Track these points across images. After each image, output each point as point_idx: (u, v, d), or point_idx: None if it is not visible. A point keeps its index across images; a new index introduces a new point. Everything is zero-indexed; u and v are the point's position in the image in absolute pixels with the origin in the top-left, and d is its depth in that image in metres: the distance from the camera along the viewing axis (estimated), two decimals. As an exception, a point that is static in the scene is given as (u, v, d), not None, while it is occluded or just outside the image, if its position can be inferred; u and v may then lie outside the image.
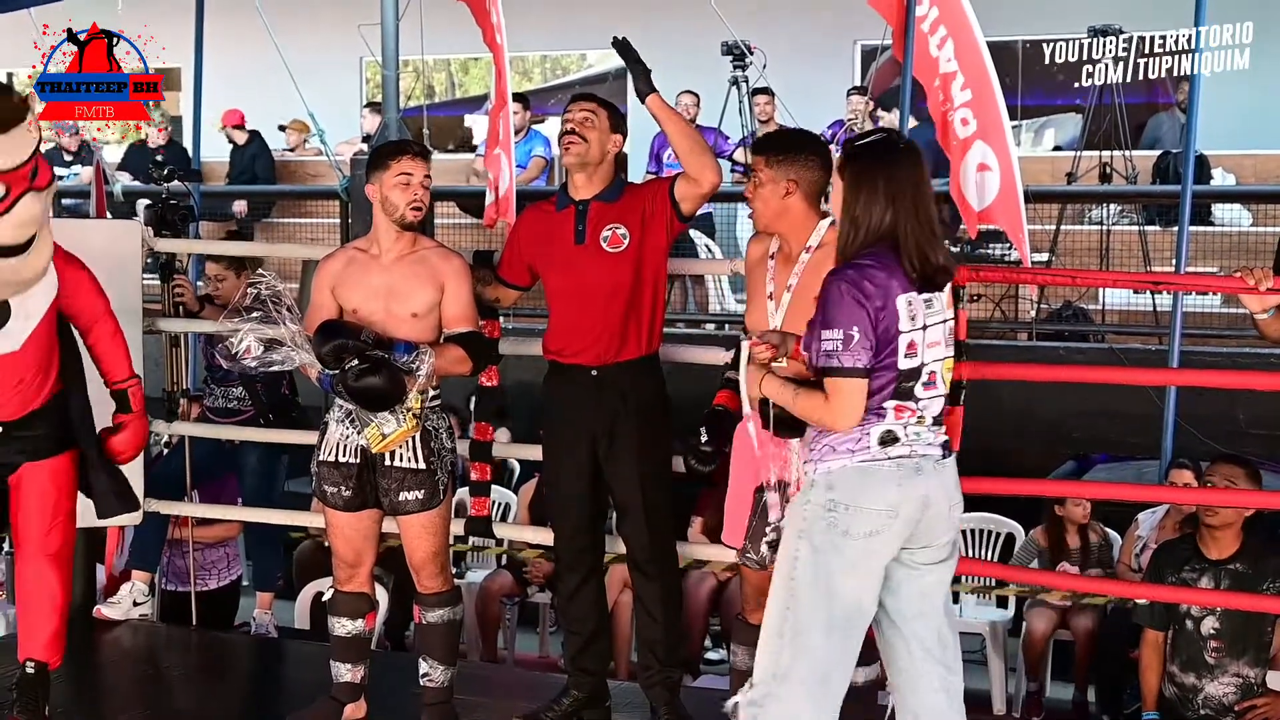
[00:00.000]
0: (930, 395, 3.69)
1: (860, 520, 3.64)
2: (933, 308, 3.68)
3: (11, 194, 4.14)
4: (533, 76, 17.00)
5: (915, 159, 3.73)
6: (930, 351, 3.68)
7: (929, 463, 3.69)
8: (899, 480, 3.65)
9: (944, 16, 6.92)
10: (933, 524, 3.70)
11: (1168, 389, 6.96)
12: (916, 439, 3.67)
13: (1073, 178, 10.27)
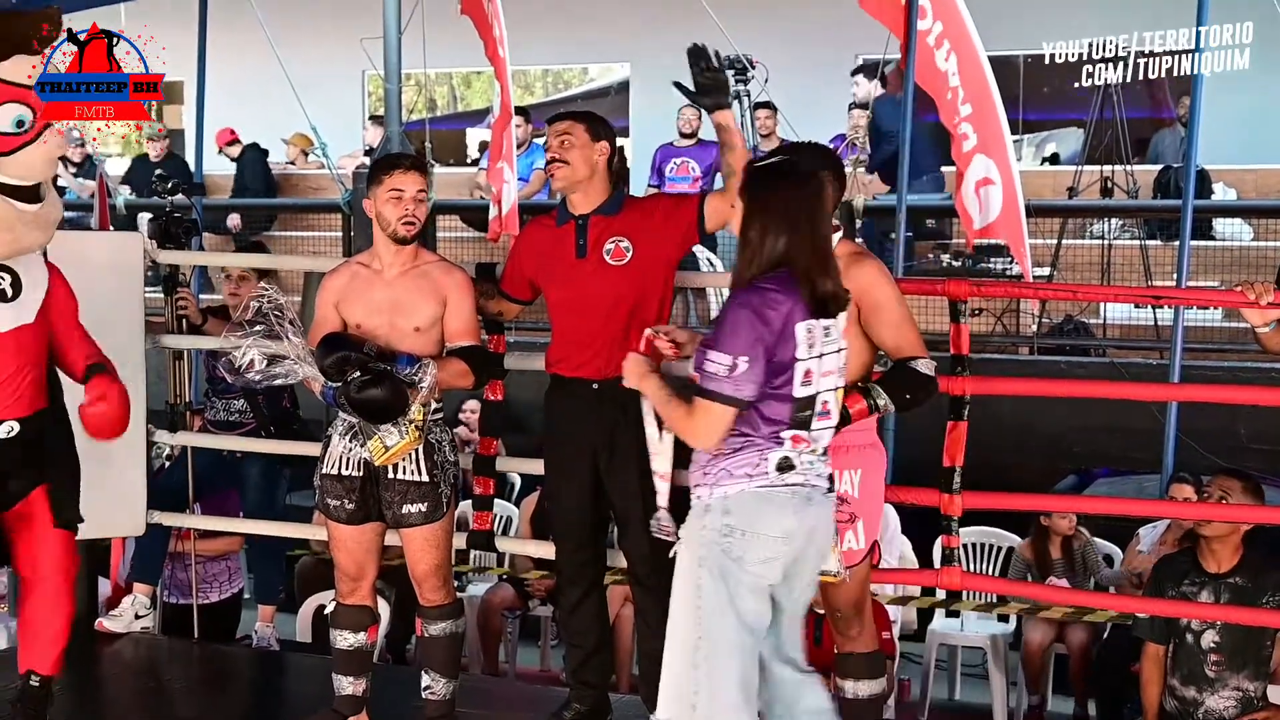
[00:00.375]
0: (823, 426, 3.75)
1: (756, 546, 3.67)
2: (830, 335, 3.72)
3: (39, 120, 4.17)
4: (535, 90, 17.02)
5: (814, 185, 3.76)
6: (824, 380, 3.72)
7: (818, 494, 3.74)
8: (795, 508, 3.69)
9: (947, 30, 6.95)
10: (811, 555, 3.76)
11: (1169, 404, 6.98)
12: (809, 468, 3.72)
13: (1074, 192, 10.28)
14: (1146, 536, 6.65)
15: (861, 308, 4.16)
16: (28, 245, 4.30)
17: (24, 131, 4.17)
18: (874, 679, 4.49)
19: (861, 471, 4.27)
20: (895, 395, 4.13)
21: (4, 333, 4.28)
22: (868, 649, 4.48)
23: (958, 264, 9.78)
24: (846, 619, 4.42)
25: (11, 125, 4.15)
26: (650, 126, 11.10)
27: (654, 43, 13.75)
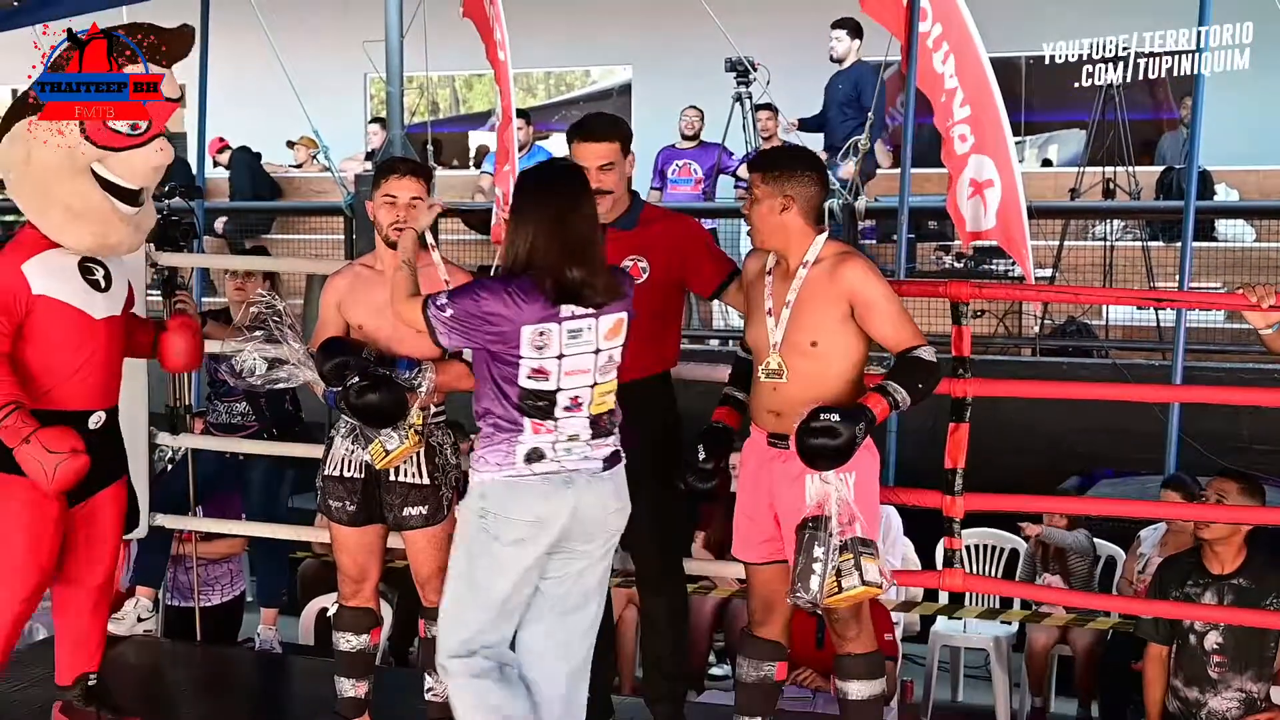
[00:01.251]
0: (574, 417, 3.94)
1: (508, 529, 3.93)
2: (580, 338, 3.90)
3: (153, 128, 4.33)
4: (537, 93, 17.04)
5: (568, 188, 3.93)
6: (571, 379, 3.91)
7: (582, 476, 3.96)
8: (545, 495, 3.92)
9: (947, 32, 6.95)
10: (588, 526, 3.99)
11: (1171, 405, 6.97)
12: (567, 454, 3.94)
13: (1076, 193, 10.28)
14: (1147, 539, 6.64)
15: (854, 307, 4.20)
16: (115, 244, 4.47)
17: (137, 135, 4.31)
18: (873, 680, 4.49)
19: (856, 474, 4.27)
20: (909, 388, 4.16)
21: (99, 320, 4.44)
22: (866, 650, 4.48)
23: (960, 265, 9.77)
24: (844, 621, 4.42)
25: (127, 127, 4.30)
26: (652, 129, 11.09)
27: (656, 45, 13.83)
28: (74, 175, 4.31)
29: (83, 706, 4.73)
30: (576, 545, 4.02)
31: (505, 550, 3.95)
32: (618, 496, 4.06)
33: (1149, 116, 12.04)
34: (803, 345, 4.23)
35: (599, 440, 4.00)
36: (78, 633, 4.70)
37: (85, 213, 4.34)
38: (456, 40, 8.80)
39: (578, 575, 4.09)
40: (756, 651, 4.57)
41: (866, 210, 9.55)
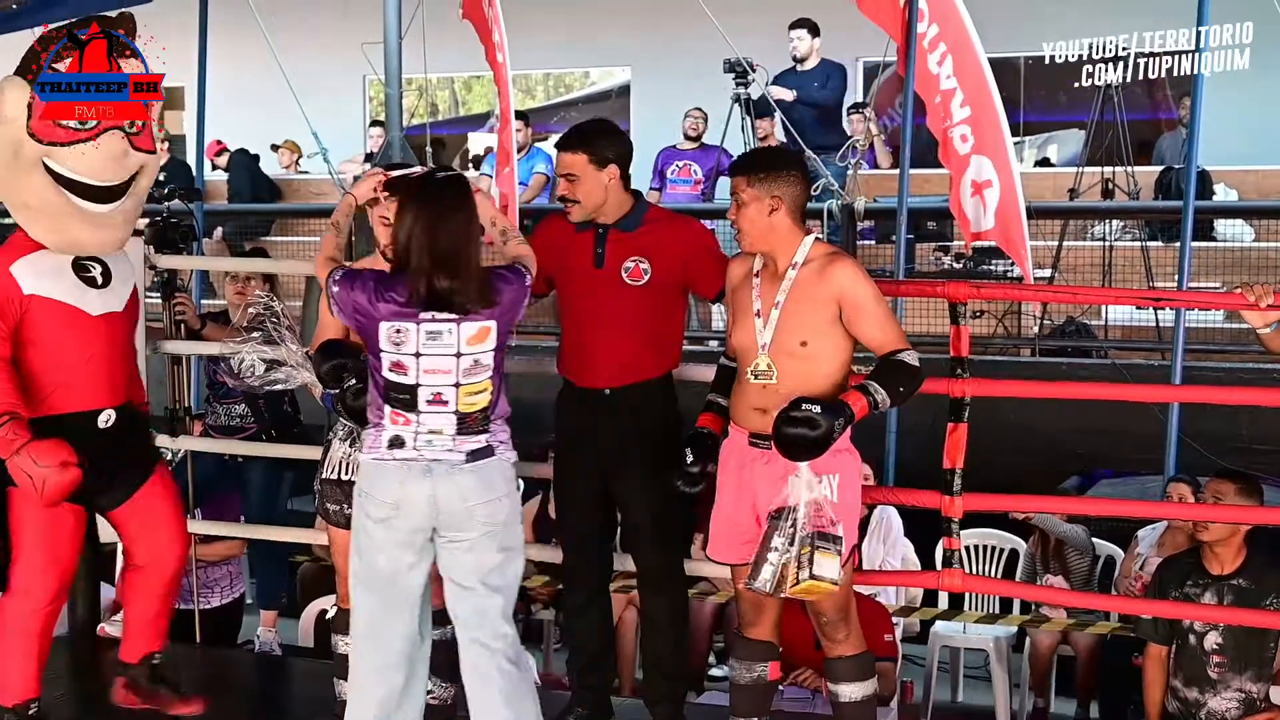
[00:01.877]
0: (438, 412, 4.10)
1: (373, 507, 4.15)
2: (438, 340, 4.06)
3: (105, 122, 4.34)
4: (536, 94, 17.03)
5: (443, 199, 4.07)
6: (430, 377, 4.08)
7: (442, 467, 4.10)
8: (401, 479, 4.10)
9: (944, 33, 6.94)
10: (455, 518, 4.12)
11: (1171, 405, 6.96)
12: (428, 445, 4.10)
13: (1075, 194, 10.27)
14: (1145, 539, 6.64)
15: (843, 308, 4.24)
16: (80, 242, 4.47)
17: (87, 129, 4.32)
18: (865, 680, 4.51)
19: (839, 476, 4.30)
20: (890, 389, 4.21)
21: (95, 316, 4.46)
22: (856, 651, 4.50)
23: (959, 266, 9.77)
24: (833, 623, 4.44)
25: (74, 122, 4.31)
26: (651, 130, 11.11)
27: (655, 46, 13.82)
28: (25, 171, 4.32)
29: (148, 685, 4.84)
30: (453, 534, 4.15)
31: (375, 527, 4.15)
32: (485, 489, 4.15)
33: (1148, 116, 12.03)
34: (791, 346, 4.25)
35: (465, 436, 4.13)
36: (147, 614, 4.80)
37: (41, 209, 4.36)
38: (455, 42, 8.79)
39: (466, 562, 4.19)
40: (748, 653, 4.58)
41: (865, 211, 9.55)
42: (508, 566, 4.24)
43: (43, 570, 4.47)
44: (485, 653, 4.21)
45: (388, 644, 4.25)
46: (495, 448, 4.18)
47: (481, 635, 4.21)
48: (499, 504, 4.18)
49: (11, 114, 4.28)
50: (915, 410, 6.43)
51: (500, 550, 4.20)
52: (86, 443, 4.40)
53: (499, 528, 4.18)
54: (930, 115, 7.10)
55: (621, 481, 4.73)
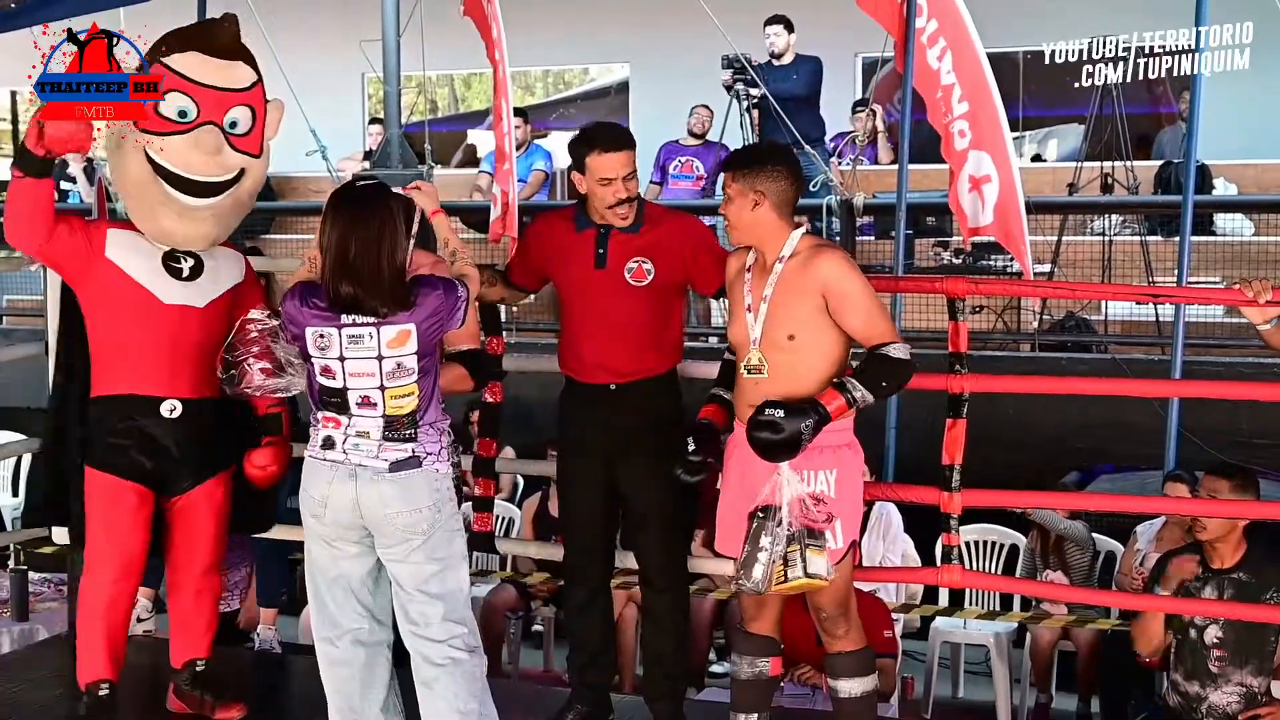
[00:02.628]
0: (367, 415, 4.17)
1: (306, 504, 4.29)
2: (361, 344, 4.12)
3: (201, 115, 4.47)
4: (535, 91, 17.02)
5: (353, 202, 4.16)
6: (357, 380, 4.15)
7: (368, 473, 4.17)
8: (329, 479, 4.21)
9: (943, 28, 6.94)
10: (377, 524, 4.20)
11: (1171, 400, 6.97)
12: (356, 449, 4.18)
13: (1074, 188, 10.27)
14: (1144, 534, 6.65)
15: (829, 299, 4.24)
16: (171, 233, 4.57)
17: (184, 122, 4.43)
18: (865, 676, 4.52)
19: (837, 471, 4.31)
20: (872, 386, 4.20)
21: (168, 305, 4.54)
22: (855, 646, 4.51)
23: (958, 261, 9.77)
24: (833, 619, 4.45)
25: (175, 114, 4.42)
26: (650, 126, 11.08)
27: (654, 43, 13.82)
28: (126, 155, 4.45)
29: (190, 691, 4.90)
30: (381, 539, 4.24)
31: (311, 521, 4.30)
32: (404, 499, 4.19)
33: (1147, 111, 12.01)
34: (780, 339, 4.27)
35: (391, 443, 4.18)
36: (182, 618, 4.88)
37: (137, 193, 4.51)
38: (454, 39, 8.80)
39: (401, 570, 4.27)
40: (750, 647, 4.59)
41: (864, 206, 9.55)
42: (446, 575, 4.29)
43: (106, 548, 4.59)
44: (431, 643, 4.28)
45: (340, 630, 4.38)
46: (422, 458, 4.22)
47: (428, 632, 4.29)
48: (419, 514, 4.21)
49: None
50: (914, 406, 6.45)
51: (432, 560, 4.26)
52: (151, 428, 4.55)
53: (420, 538, 4.22)
54: (931, 110, 7.10)
55: (626, 478, 4.74)
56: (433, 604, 4.27)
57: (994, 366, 8.11)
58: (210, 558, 4.81)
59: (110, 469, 4.57)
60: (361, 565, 4.33)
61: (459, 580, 4.34)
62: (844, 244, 9.52)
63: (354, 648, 4.38)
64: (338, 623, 4.37)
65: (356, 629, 4.37)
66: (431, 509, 4.22)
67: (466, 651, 4.30)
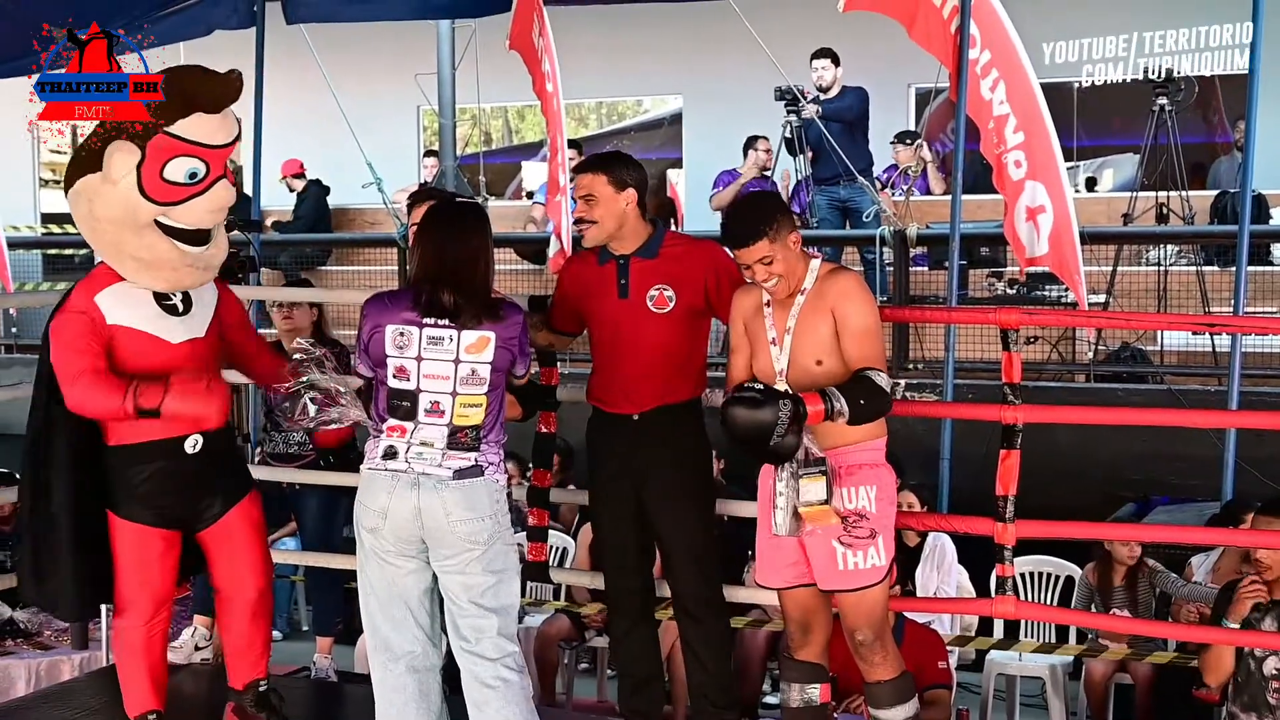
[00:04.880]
0: (434, 423, 4.25)
1: (365, 516, 4.32)
2: (440, 346, 4.24)
3: (211, 174, 4.42)
4: (589, 123, 17.10)
5: (450, 218, 4.33)
6: (430, 383, 4.24)
7: (430, 481, 4.23)
8: (390, 489, 4.25)
9: (996, 59, 6.93)
10: (439, 533, 4.24)
11: (1228, 431, 6.91)
12: (419, 458, 4.24)
13: (1129, 218, 10.22)
14: (1200, 566, 6.59)
15: (835, 315, 4.33)
16: (188, 284, 4.59)
17: (196, 183, 4.40)
18: (904, 703, 4.54)
19: (877, 488, 4.40)
20: (851, 401, 4.23)
21: (178, 344, 4.54)
22: (893, 674, 4.52)
23: (1012, 291, 9.74)
24: (868, 645, 4.46)
25: (184, 177, 4.38)
26: (703, 157, 11.15)
27: (707, 74, 13.86)
28: (139, 230, 4.41)
29: (254, 711, 4.91)
30: (439, 550, 4.28)
31: (367, 536, 4.33)
32: (467, 507, 4.25)
33: (1202, 140, 11.96)
34: (809, 366, 4.34)
35: (455, 452, 4.25)
36: (239, 641, 4.87)
37: (154, 263, 4.45)
38: (508, 72, 8.85)
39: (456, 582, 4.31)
40: (798, 675, 4.61)
41: (918, 237, 9.55)
42: (501, 589, 4.33)
43: (137, 591, 4.59)
44: (483, 661, 4.31)
45: (394, 655, 4.40)
46: (484, 467, 4.28)
47: (480, 649, 4.32)
48: (481, 524, 4.27)
49: (119, 175, 4.35)
50: (967, 437, 6.42)
51: (489, 572, 4.30)
52: (175, 468, 4.54)
53: (481, 548, 4.27)
54: (984, 141, 7.09)
55: (653, 509, 4.76)
56: (486, 618, 4.30)
57: (1048, 397, 8.08)
58: (262, 579, 4.81)
59: (137, 519, 4.55)
60: (418, 582, 4.36)
61: (512, 595, 4.38)
62: (896, 275, 9.52)
63: (409, 675, 4.41)
64: (392, 646, 4.40)
65: (411, 652, 4.40)
66: (492, 519, 4.28)
67: (517, 672, 4.34)
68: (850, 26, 8.76)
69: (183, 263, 4.47)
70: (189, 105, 4.38)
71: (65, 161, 4.59)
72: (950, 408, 6.75)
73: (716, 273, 4.77)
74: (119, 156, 4.34)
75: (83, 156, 4.43)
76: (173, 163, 4.35)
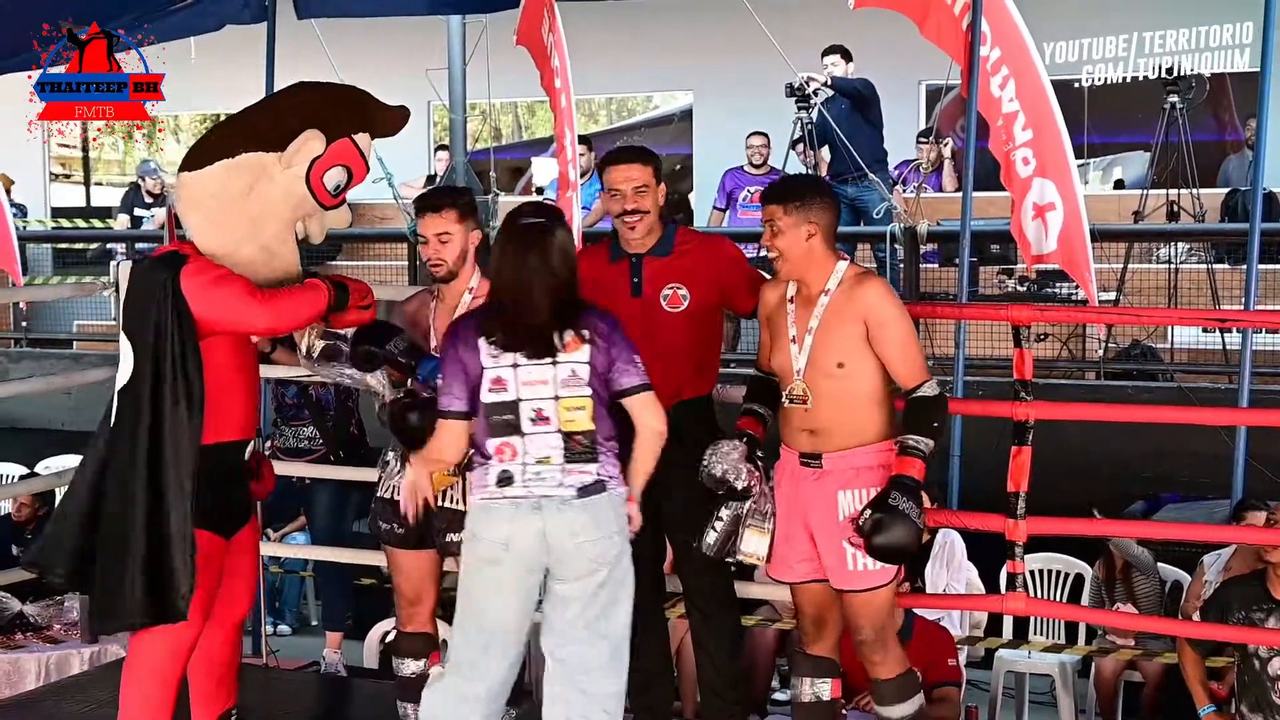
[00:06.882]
0: (543, 432, 4.07)
1: (483, 548, 4.10)
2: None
3: (344, 193, 4.40)
4: (599, 119, 17.11)
5: (532, 236, 4.11)
6: (529, 389, 4.07)
7: (554, 503, 4.05)
8: (510, 517, 4.05)
9: (1006, 56, 6.93)
10: (565, 556, 4.07)
11: (1238, 428, 6.90)
12: (538, 479, 4.06)
13: (1140, 216, 10.21)
14: (1211, 565, 6.58)
15: (869, 326, 4.31)
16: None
17: (336, 195, 4.38)
18: (908, 700, 4.56)
19: None
20: (928, 432, 4.30)
21: (252, 344, 4.46)
22: (896, 673, 4.54)
23: (1022, 289, 9.73)
24: (870, 644, 4.47)
25: (333, 187, 4.36)
26: (713, 154, 11.14)
27: (717, 70, 13.85)
28: (286, 222, 4.33)
29: None
30: (562, 573, 4.10)
31: (486, 568, 4.12)
32: (595, 525, 4.09)
33: (1213, 138, 11.93)
34: (829, 368, 4.33)
35: (574, 465, 4.08)
36: (221, 669, 4.60)
37: (277, 256, 4.34)
38: (518, 67, 8.84)
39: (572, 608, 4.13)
40: (810, 669, 4.61)
41: (928, 234, 9.53)
42: (618, 612, 4.19)
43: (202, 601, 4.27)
44: (583, 699, 4.15)
45: (474, 687, 4.19)
46: (606, 481, 4.13)
47: (589, 682, 4.16)
48: (609, 541, 4.12)
49: (299, 162, 4.28)
50: (978, 433, 6.42)
51: (614, 596, 4.16)
52: (234, 471, 4.42)
53: (608, 567, 4.12)
54: (992, 139, 7.09)
55: (666, 502, 4.76)
56: (597, 645, 4.16)
57: (1059, 395, 8.06)
58: (249, 603, 4.66)
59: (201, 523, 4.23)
60: (525, 612, 4.17)
61: (625, 614, 4.22)
62: (907, 271, 9.51)
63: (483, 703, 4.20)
64: (479, 666, 4.19)
65: (496, 682, 4.22)
66: (620, 534, 4.15)
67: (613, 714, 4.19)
68: (861, 23, 8.79)
69: (293, 267, 4.37)
70: (369, 123, 4.40)
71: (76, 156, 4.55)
72: (961, 404, 6.75)
73: (728, 266, 4.78)
74: (308, 146, 4.26)
75: (257, 130, 4.32)
76: (334, 170, 4.31)
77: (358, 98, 4.43)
